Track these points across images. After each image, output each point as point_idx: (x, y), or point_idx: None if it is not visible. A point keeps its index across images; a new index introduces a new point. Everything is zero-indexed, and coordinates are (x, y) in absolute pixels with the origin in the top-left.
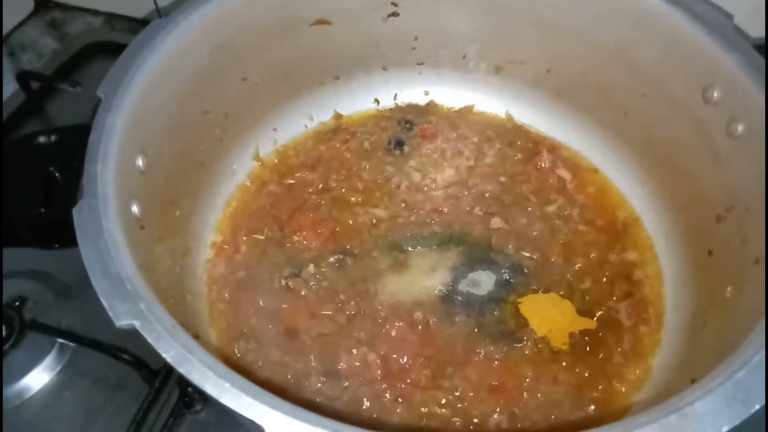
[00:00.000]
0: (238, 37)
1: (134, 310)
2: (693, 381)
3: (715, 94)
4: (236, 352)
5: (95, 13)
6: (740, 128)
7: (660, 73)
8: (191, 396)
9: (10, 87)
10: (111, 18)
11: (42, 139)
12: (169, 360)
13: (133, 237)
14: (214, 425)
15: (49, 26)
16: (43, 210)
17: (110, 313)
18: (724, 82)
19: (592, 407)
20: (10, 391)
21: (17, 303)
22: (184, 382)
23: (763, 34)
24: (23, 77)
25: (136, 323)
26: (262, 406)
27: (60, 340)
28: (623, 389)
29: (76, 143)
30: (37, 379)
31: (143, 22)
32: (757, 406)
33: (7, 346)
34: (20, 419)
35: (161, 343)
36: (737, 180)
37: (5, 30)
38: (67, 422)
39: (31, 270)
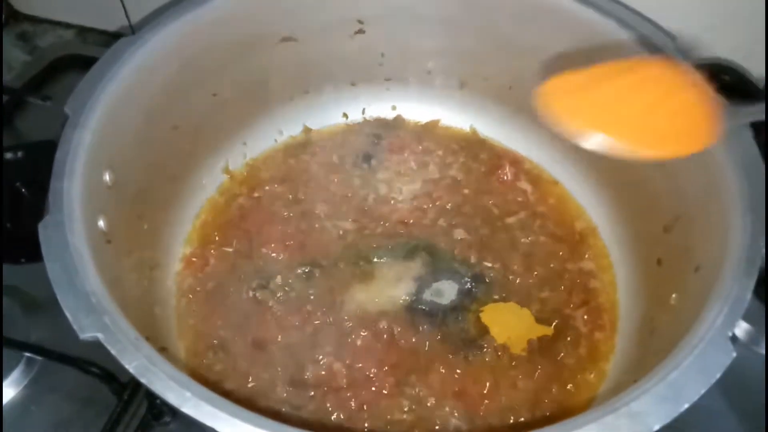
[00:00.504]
0: (206, 54)
1: (98, 323)
2: (635, 382)
3: None
4: (204, 363)
5: (66, 26)
6: None
7: None
8: (159, 408)
9: None
10: (83, 31)
11: (9, 155)
12: (131, 371)
13: (100, 251)
14: None
15: (19, 39)
16: (8, 225)
17: (75, 326)
18: None
19: (549, 412)
20: None
21: None
22: (152, 395)
23: (706, 54)
24: None
25: (100, 336)
26: (223, 414)
27: (27, 354)
28: (579, 393)
29: (42, 159)
30: (4, 393)
31: (116, 36)
32: (686, 405)
33: None
34: None
35: (125, 354)
36: (683, 191)
37: None
38: None
39: None
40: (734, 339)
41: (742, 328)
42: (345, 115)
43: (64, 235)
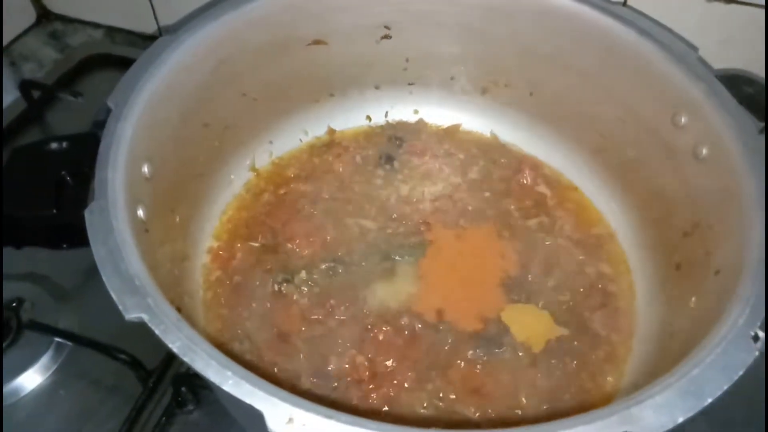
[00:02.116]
0: (239, 55)
1: (143, 304)
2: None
3: (683, 119)
4: (231, 353)
5: (96, 26)
6: (705, 151)
7: (632, 98)
8: (184, 396)
9: (12, 95)
10: (111, 31)
11: (54, 145)
12: (175, 350)
13: (140, 239)
14: (206, 425)
15: (50, 37)
16: (54, 212)
17: (120, 307)
18: (691, 108)
19: (568, 411)
20: (5, 389)
21: (14, 304)
22: (177, 383)
23: (725, 65)
24: (25, 86)
25: (145, 316)
26: (261, 393)
27: (57, 339)
28: (598, 394)
29: (86, 150)
30: (33, 378)
31: (143, 36)
32: (710, 400)
33: (4, 345)
34: (14, 417)
35: (168, 334)
36: (702, 199)
37: (8, 40)
38: (61, 420)
39: (29, 272)
40: (756, 338)
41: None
42: (368, 118)
43: (109, 220)
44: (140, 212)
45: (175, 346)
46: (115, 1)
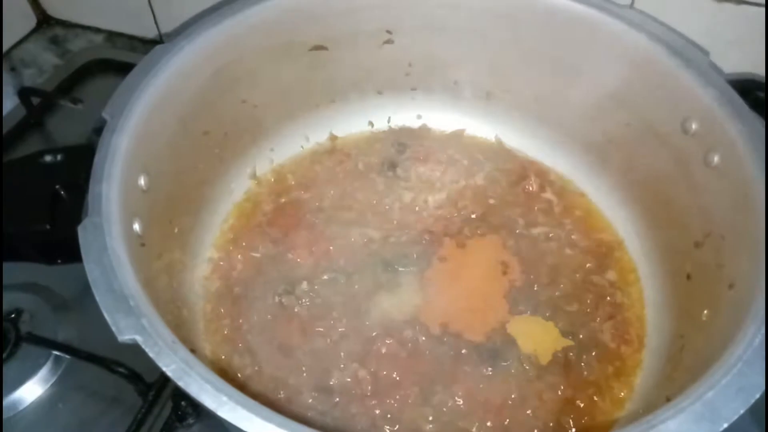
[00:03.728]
0: (238, 62)
1: (137, 325)
2: (668, 399)
3: (693, 126)
4: (230, 367)
5: (96, 30)
6: (716, 159)
7: (641, 103)
8: (184, 410)
9: (11, 102)
10: (112, 36)
11: (48, 157)
12: (169, 374)
13: (135, 254)
14: None
15: (50, 43)
16: (48, 227)
17: (113, 328)
18: (701, 114)
19: (576, 425)
20: (3, 402)
21: (13, 315)
22: (177, 396)
23: (735, 67)
24: (25, 93)
25: (138, 338)
26: (258, 419)
27: (55, 352)
28: (605, 407)
29: (81, 162)
30: (31, 390)
31: (144, 41)
32: (725, 425)
33: (2, 357)
34: (13, 431)
35: (162, 357)
36: (714, 208)
37: (8, 46)
38: None
39: (28, 284)
40: None
41: None
42: (371, 123)
43: (103, 237)
44: (136, 226)
45: (169, 370)
46: (115, 6)
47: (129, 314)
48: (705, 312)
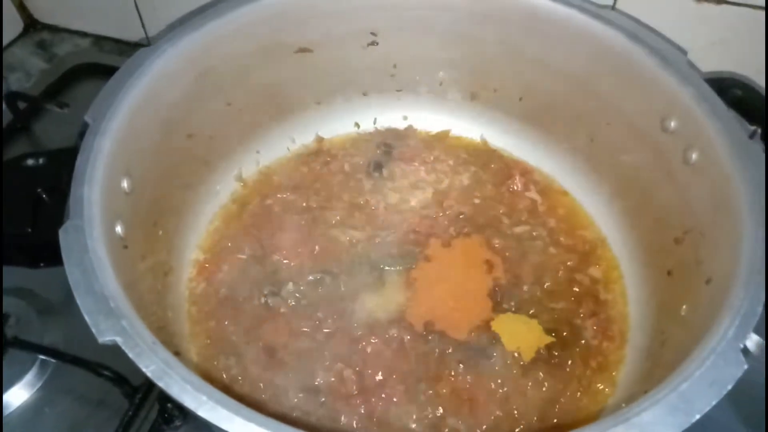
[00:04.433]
0: (222, 64)
1: (117, 326)
2: (645, 392)
3: (672, 124)
4: (216, 368)
5: (83, 35)
6: (695, 156)
7: (621, 102)
8: (170, 412)
9: None
10: (99, 40)
11: (30, 161)
12: (149, 374)
13: (117, 256)
14: None
15: (37, 47)
16: (30, 230)
17: (93, 330)
18: (680, 112)
19: (559, 420)
20: None
21: None
22: (164, 399)
23: (715, 67)
24: (11, 98)
25: (119, 339)
26: (238, 418)
27: (41, 356)
28: (589, 403)
29: (63, 166)
30: (17, 395)
31: (131, 44)
32: (698, 416)
33: None
34: None
35: (142, 358)
36: (693, 204)
37: None
38: None
39: (14, 287)
40: (746, 351)
41: (753, 341)
42: (357, 125)
43: (84, 240)
44: (118, 228)
45: (149, 370)
46: (102, 10)
47: (109, 316)
48: (684, 307)
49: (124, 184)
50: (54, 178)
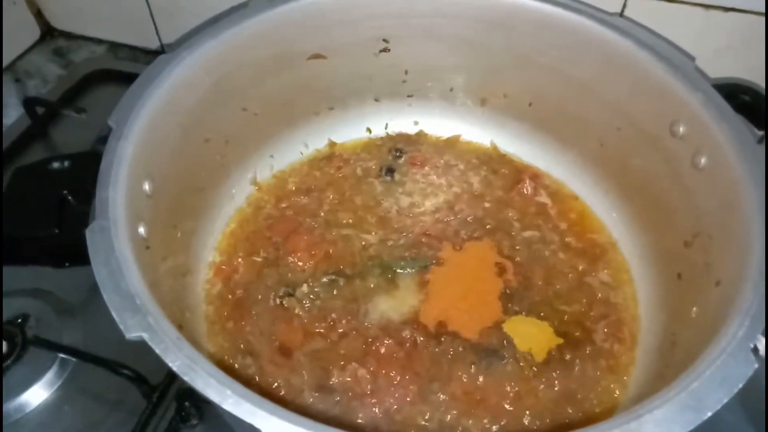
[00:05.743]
0: (239, 71)
1: (143, 323)
2: (656, 393)
3: (681, 129)
4: (233, 367)
5: (99, 41)
6: (703, 160)
7: (631, 108)
8: (188, 411)
9: (16, 112)
10: (114, 47)
11: (56, 164)
12: (175, 369)
13: (140, 256)
14: None
15: (54, 54)
16: (56, 231)
17: (120, 326)
18: (689, 117)
19: (571, 421)
20: (10, 405)
21: (20, 320)
22: (181, 398)
23: (723, 73)
24: (29, 103)
25: (145, 335)
26: (261, 411)
27: (61, 355)
28: (601, 404)
29: (87, 169)
30: (37, 394)
31: (146, 51)
32: (709, 413)
33: (9, 361)
34: None
35: (168, 353)
36: (702, 208)
37: (12, 57)
38: None
39: (34, 289)
40: (756, 351)
41: (762, 343)
42: (368, 130)
43: (110, 239)
44: (141, 229)
45: (175, 365)
46: (117, 18)
47: (136, 312)
48: (694, 309)
49: (146, 186)
50: (79, 181)
